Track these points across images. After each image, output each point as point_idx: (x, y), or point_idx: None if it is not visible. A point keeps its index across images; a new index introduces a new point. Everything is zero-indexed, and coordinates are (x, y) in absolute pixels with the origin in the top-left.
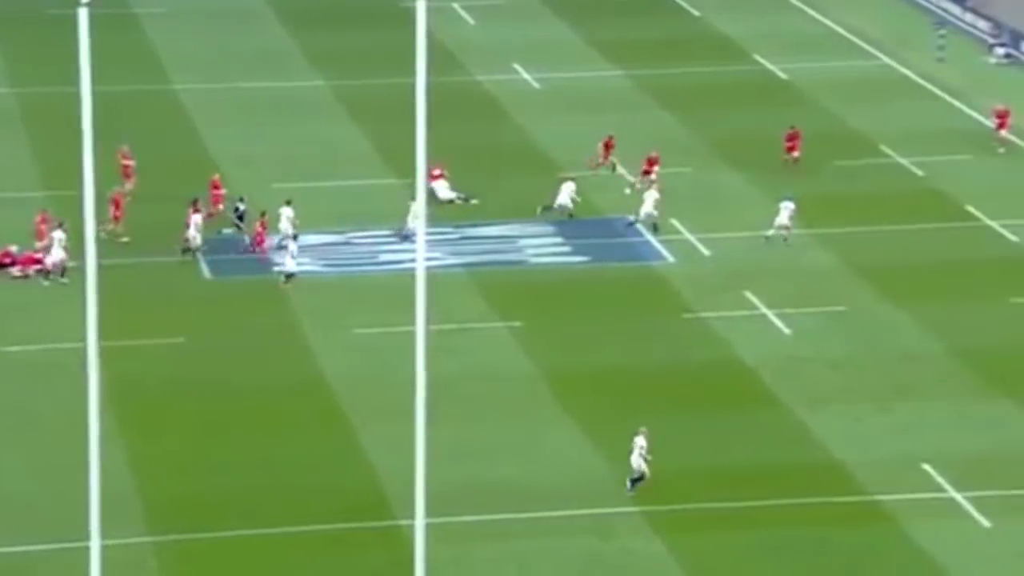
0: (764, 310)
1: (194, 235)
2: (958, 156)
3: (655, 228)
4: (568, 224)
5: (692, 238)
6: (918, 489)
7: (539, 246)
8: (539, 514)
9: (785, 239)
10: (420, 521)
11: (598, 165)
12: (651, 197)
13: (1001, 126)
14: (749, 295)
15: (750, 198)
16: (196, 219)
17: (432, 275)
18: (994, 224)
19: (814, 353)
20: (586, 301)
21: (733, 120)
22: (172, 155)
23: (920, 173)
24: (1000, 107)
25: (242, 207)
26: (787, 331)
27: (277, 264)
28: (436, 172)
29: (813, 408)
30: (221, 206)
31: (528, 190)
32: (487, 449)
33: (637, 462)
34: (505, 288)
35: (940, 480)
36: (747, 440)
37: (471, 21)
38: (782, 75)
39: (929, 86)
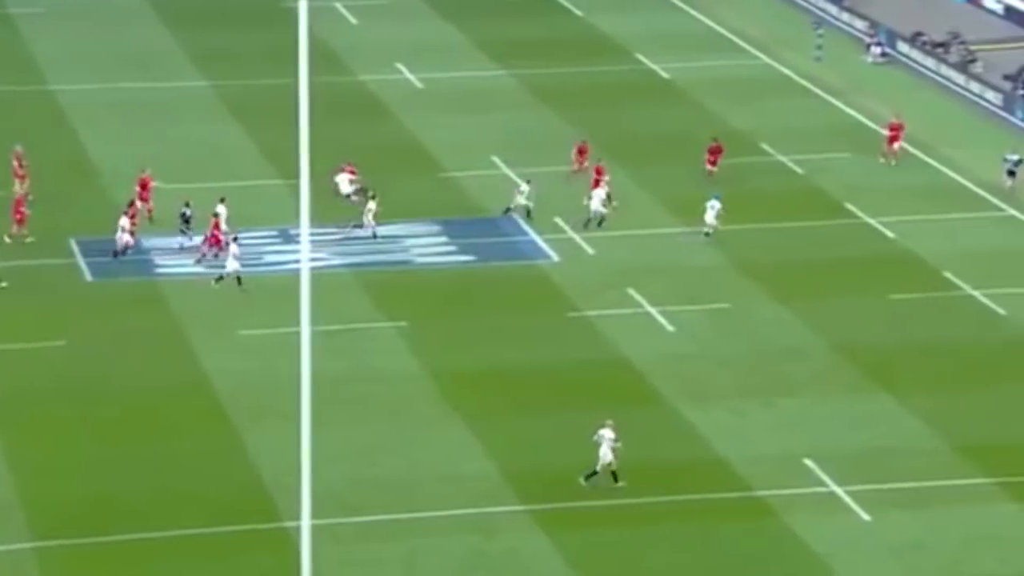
0: (648, 308)
1: (120, 236)
2: (837, 154)
3: (600, 223)
4: (453, 224)
5: (576, 237)
6: (800, 484)
7: (424, 246)
8: (425, 513)
9: (707, 234)
10: (306, 522)
11: (575, 172)
12: (598, 195)
13: (894, 139)
14: (633, 293)
15: (634, 196)
16: (123, 222)
17: (317, 275)
18: (873, 221)
19: (698, 350)
20: (472, 300)
21: (617, 119)
22: (51, 156)
23: (800, 171)
24: (895, 120)
25: (188, 212)
26: (671, 329)
27: (219, 268)
28: (346, 167)
29: (698, 405)
30: (149, 204)
31: (413, 190)
32: (373, 449)
33: (604, 453)
34: (391, 288)
35: (821, 475)
36: (632, 437)
37: (353, 21)
38: (664, 74)
39: (808, 85)
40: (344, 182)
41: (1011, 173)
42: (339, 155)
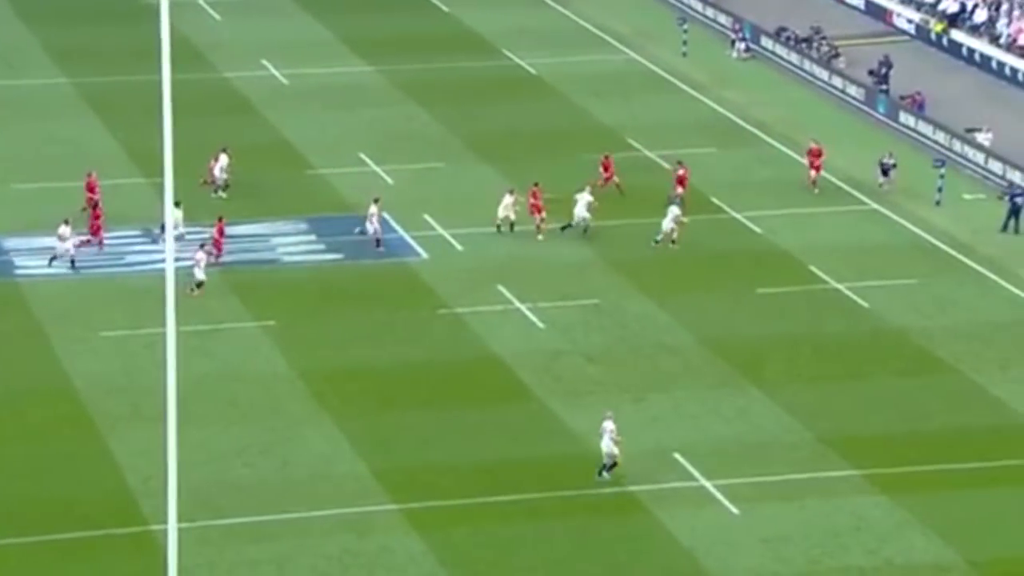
0: (518, 304)
1: (57, 245)
2: (703, 149)
3: (585, 231)
4: (321, 222)
5: (445, 233)
6: (670, 479)
7: (292, 244)
8: (296, 514)
9: (658, 241)
10: (172, 526)
11: (602, 185)
12: (583, 200)
13: (814, 167)
14: (503, 290)
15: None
16: (63, 230)
17: (183, 275)
18: (739, 216)
19: (569, 346)
20: (341, 299)
21: (484, 115)
22: None
23: (667, 166)
24: (814, 145)
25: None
26: (541, 325)
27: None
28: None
29: (569, 401)
30: (95, 201)
31: (280, 188)
32: (241, 450)
33: (608, 447)
34: (258, 287)
35: (691, 469)
36: (503, 435)
37: (217, 17)
38: (531, 70)
39: (674, 80)
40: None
41: (885, 172)
42: (205, 153)
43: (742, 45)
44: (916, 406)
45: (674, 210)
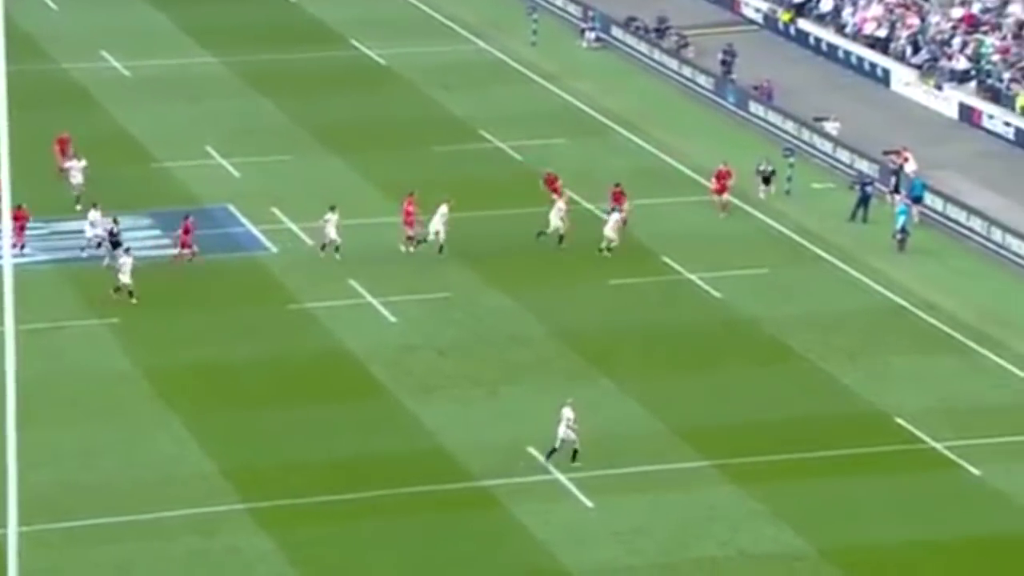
0: (369, 299)
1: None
2: (554, 140)
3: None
4: (166, 216)
5: (294, 227)
6: (524, 473)
7: (136, 239)
8: (141, 516)
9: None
10: (12, 529)
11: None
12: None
13: (721, 190)
14: (354, 284)
15: (352, 185)
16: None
17: (20, 272)
18: (591, 207)
19: (421, 341)
20: (187, 294)
21: (333, 106)
22: None
23: (519, 157)
24: (723, 168)
25: (116, 228)
26: (393, 319)
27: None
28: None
29: (421, 396)
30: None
31: (123, 181)
32: (84, 450)
33: (564, 433)
34: (101, 284)
35: (545, 463)
36: (354, 431)
37: (53, 7)
38: (380, 60)
39: (524, 70)
40: (76, 172)
41: (766, 180)
42: (44, 146)
43: (592, 35)
44: (767, 396)
45: (616, 216)
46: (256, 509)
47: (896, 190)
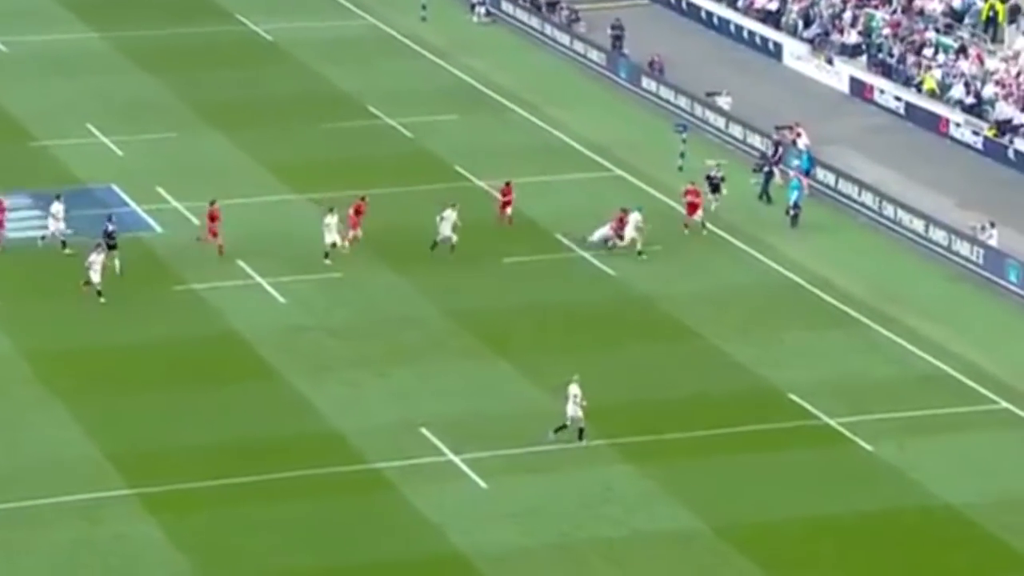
0: (258, 279)
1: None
2: (445, 116)
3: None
4: (47, 196)
5: (180, 206)
6: (417, 454)
7: (15, 220)
8: (24, 503)
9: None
10: None
11: (501, 214)
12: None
13: (693, 209)
14: (242, 264)
15: (238, 163)
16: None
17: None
18: (483, 184)
19: (311, 321)
20: (69, 276)
21: (218, 83)
22: None
23: (409, 134)
24: (691, 187)
25: (111, 227)
26: (283, 300)
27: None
28: None
29: (311, 377)
30: None
31: (1, 161)
32: None
33: (572, 411)
34: None
35: (438, 443)
36: (244, 414)
37: None
38: (266, 36)
39: (414, 46)
40: None
41: (715, 188)
42: None
43: (482, 10)
44: (662, 373)
45: (636, 216)
46: (144, 494)
47: (779, 161)
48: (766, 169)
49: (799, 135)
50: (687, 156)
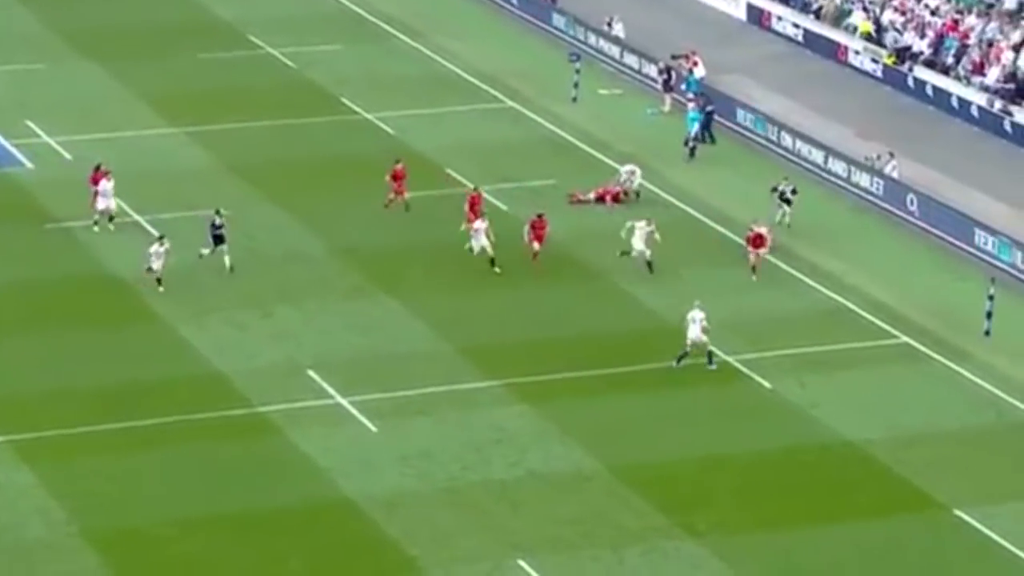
0: (136, 217)
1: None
2: (329, 46)
3: (648, 267)
4: None
5: (52, 141)
6: (304, 397)
7: None
8: None
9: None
10: None
11: (391, 200)
12: (642, 231)
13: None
14: (119, 202)
15: (112, 95)
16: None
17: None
18: (370, 116)
19: (192, 259)
20: None
21: (88, 10)
22: None
23: (292, 64)
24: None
25: (219, 220)
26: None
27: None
28: None
29: (194, 319)
30: None
31: None
32: None
33: (695, 335)
34: None
35: (326, 386)
36: (123, 357)
37: None
38: None
39: None
40: None
41: (786, 201)
42: None
43: None
44: (557, 312)
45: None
46: (17, 441)
47: (670, 89)
48: (708, 109)
49: (695, 64)
50: (580, 87)
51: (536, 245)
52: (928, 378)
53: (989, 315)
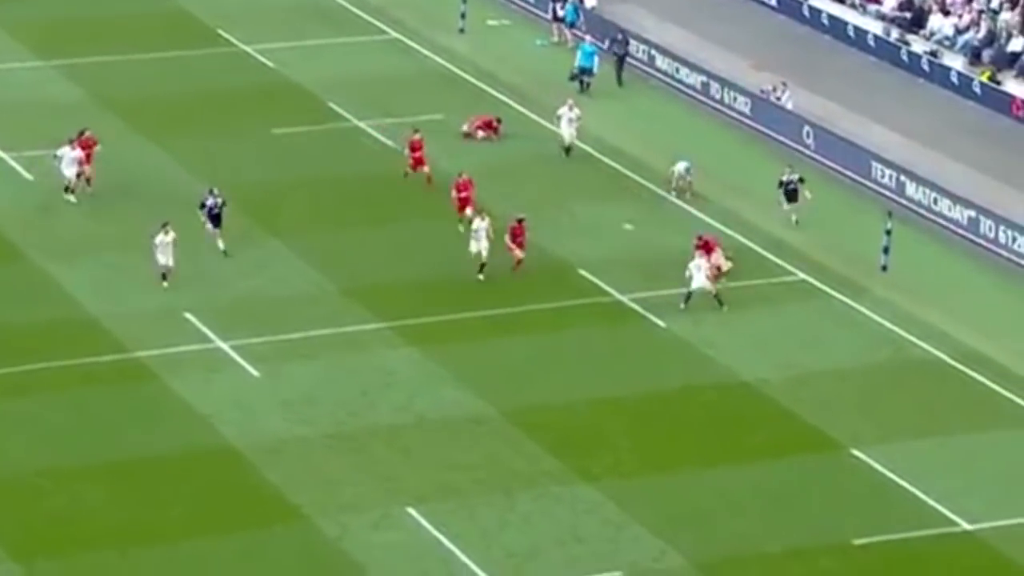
0: (1, 153)
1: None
2: None
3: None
4: None
5: None
6: (182, 341)
7: None
8: None
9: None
10: None
11: (412, 170)
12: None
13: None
14: None
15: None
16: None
17: None
18: (249, 49)
19: (57, 199)
20: None
21: None
22: None
23: None
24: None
25: (213, 200)
26: (29, 176)
27: None
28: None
29: (64, 259)
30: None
31: None
32: None
33: (700, 283)
34: None
35: (205, 330)
36: None
37: None
38: None
39: None
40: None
41: (792, 194)
42: None
43: None
44: (442, 251)
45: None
46: None
47: (560, 20)
48: (614, 50)
49: None
50: (468, 17)
51: (519, 252)
52: (825, 315)
53: (886, 250)
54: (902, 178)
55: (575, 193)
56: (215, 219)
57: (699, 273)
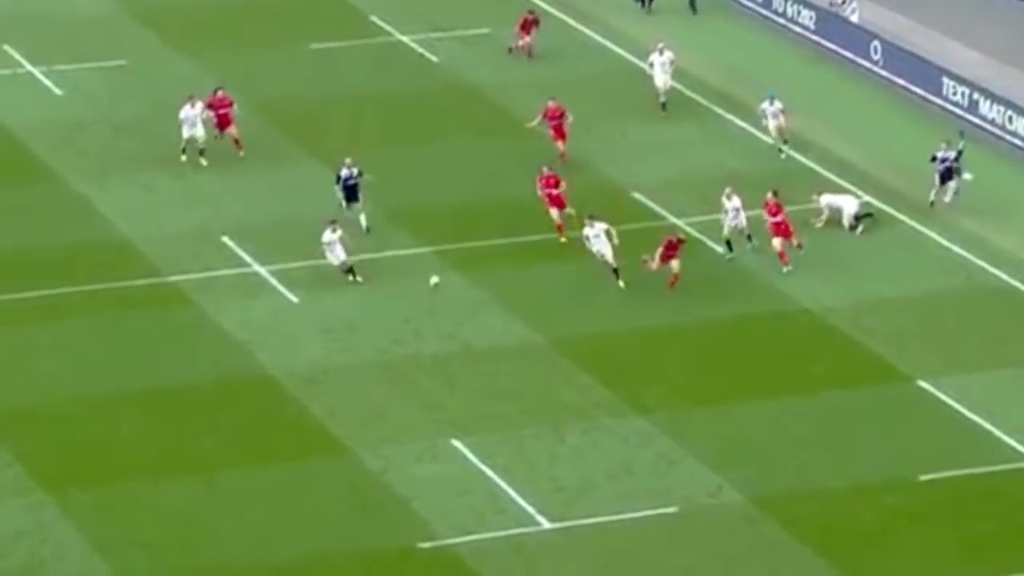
0: (30, 68)
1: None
2: None
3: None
4: None
5: None
6: (218, 265)
7: None
8: None
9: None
10: None
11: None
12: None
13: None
14: (10, 50)
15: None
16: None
17: None
18: None
19: (94, 115)
20: None
21: None
22: None
23: None
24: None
25: (349, 171)
26: (59, 92)
27: None
28: None
29: (96, 179)
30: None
31: None
32: None
33: (738, 222)
34: None
35: (242, 254)
36: (18, 221)
37: None
38: None
39: None
40: None
41: (947, 175)
42: None
43: None
44: (490, 172)
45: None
46: None
47: None
48: None
49: None
50: None
51: (675, 266)
52: (893, 241)
53: (959, 173)
54: (975, 95)
55: (629, 113)
56: (351, 191)
57: (733, 214)
